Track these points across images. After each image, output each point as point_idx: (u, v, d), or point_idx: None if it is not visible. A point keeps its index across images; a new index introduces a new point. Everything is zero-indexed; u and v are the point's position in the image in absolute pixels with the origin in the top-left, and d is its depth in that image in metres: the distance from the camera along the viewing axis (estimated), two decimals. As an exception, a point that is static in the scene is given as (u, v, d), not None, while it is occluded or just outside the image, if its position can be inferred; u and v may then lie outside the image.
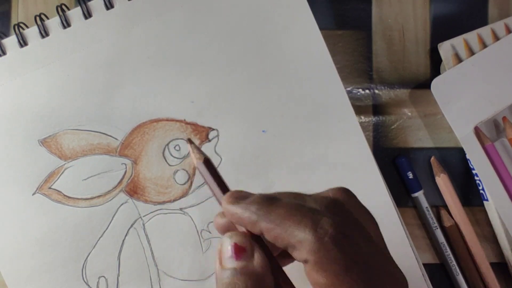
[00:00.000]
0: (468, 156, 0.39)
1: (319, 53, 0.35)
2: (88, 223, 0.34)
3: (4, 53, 0.34)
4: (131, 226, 0.34)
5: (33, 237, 0.34)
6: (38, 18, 0.34)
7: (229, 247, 0.22)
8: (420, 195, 0.39)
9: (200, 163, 0.25)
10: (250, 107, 0.35)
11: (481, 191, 0.39)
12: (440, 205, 0.39)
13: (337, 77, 0.35)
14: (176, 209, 0.35)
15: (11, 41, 0.34)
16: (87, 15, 0.35)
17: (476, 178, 0.39)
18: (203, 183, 0.35)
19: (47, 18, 0.35)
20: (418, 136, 0.40)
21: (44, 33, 0.34)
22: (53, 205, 0.34)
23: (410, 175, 0.39)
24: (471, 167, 0.39)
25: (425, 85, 0.39)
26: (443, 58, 0.38)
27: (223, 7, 0.35)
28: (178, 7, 0.35)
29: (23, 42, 0.34)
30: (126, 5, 0.35)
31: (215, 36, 0.35)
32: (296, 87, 0.35)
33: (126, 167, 0.35)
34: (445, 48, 0.38)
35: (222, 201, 0.24)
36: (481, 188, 0.39)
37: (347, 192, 0.24)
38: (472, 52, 0.38)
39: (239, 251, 0.22)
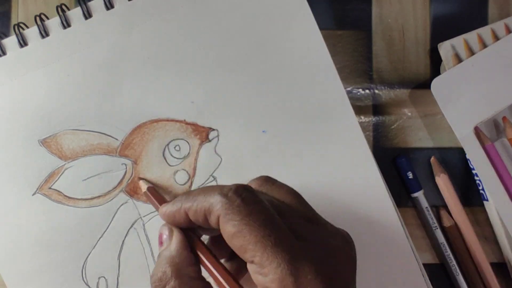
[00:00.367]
0: (468, 156, 0.39)
1: (319, 53, 0.35)
2: (88, 224, 0.34)
3: (4, 53, 0.34)
4: (131, 226, 0.34)
5: (33, 237, 0.34)
6: (38, 18, 0.34)
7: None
8: (420, 195, 0.39)
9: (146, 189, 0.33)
10: (250, 107, 0.35)
11: (481, 191, 0.39)
12: (440, 205, 0.39)
13: (337, 77, 0.35)
14: (176, 209, 0.35)
15: (11, 41, 0.34)
16: (87, 15, 0.35)
17: (476, 178, 0.39)
18: (203, 183, 0.35)
19: (47, 18, 0.35)
20: (418, 136, 0.40)
21: (44, 33, 0.34)
22: (53, 205, 0.34)
23: (410, 175, 0.39)
24: (471, 167, 0.39)
25: (425, 85, 0.39)
26: (443, 58, 0.38)
27: (223, 7, 0.35)
28: (178, 7, 0.35)
29: (23, 42, 0.34)
30: (126, 5, 0.35)
31: (215, 36, 0.35)
32: (296, 87, 0.35)
33: (126, 167, 0.35)
34: (445, 48, 0.38)
35: (159, 209, 0.28)
36: (481, 188, 0.39)
37: (262, 178, 0.27)
38: (472, 52, 0.38)
39: (160, 238, 0.26)
